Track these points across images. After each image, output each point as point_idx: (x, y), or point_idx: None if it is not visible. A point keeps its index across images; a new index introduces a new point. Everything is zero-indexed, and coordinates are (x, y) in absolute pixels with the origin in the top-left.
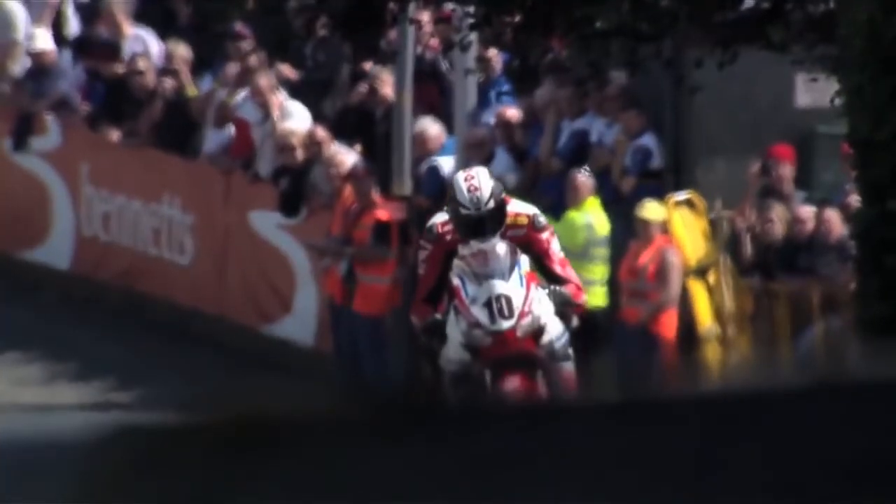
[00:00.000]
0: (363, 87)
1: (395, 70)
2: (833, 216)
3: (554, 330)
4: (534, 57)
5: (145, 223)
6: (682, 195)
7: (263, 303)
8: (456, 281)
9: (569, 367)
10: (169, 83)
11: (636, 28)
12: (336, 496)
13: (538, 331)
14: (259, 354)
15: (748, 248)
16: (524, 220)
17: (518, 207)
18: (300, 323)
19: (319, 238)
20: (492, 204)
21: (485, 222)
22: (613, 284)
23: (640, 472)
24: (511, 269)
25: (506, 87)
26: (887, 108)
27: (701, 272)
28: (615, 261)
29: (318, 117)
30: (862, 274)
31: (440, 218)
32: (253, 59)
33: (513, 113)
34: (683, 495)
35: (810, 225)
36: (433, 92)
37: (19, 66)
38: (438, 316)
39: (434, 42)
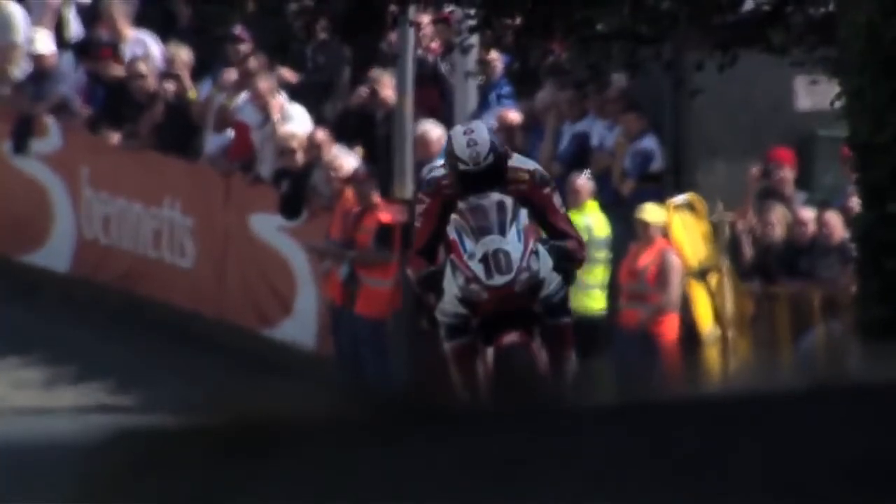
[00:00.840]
0: (364, 90)
1: (396, 73)
2: (834, 219)
3: (552, 285)
4: (534, 59)
5: (146, 226)
6: (682, 198)
7: (264, 305)
8: (453, 235)
9: (566, 322)
10: (170, 86)
11: (636, 30)
12: (336, 497)
13: (536, 286)
14: (259, 357)
15: (748, 251)
16: (525, 176)
17: (519, 163)
18: (300, 325)
19: (319, 240)
20: (491, 159)
21: (483, 178)
22: (613, 287)
23: (641, 473)
24: (510, 223)
25: (506, 90)
26: (887, 111)
27: (701, 275)
28: (616, 263)
29: (318, 120)
30: (862, 277)
31: (439, 171)
32: (253, 63)
33: (513, 116)
34: (684, 497)
35: (811, 227)
36: (434, 95)
37: (20, 69)
38: (435, 268)
39: (435, 45)
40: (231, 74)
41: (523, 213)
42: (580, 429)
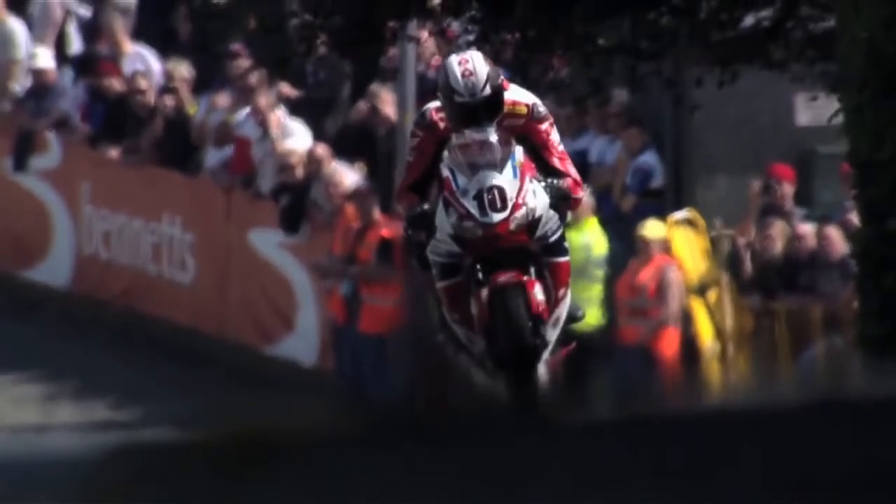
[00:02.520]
0: (364, 106)
1: (397, 88)
2: (834, 234)
3: (549, 223)
4: (534, 74)
5: (146, 241)
6: (682, 214)
7: (264, 322)
8: (445, 172)
9: (563, 261)
10: (169, 101)
11: (637, 46)
12: None
13: (532, 224)
14: (260, 373)
15: (748, 267)
16: (523, 109)
17: (517, 95)
18: (302, 342)
19: (321, 257)
20: (488, 90)
21: (480, 110)
22: (612, 303)
23: (640, 485)
24: (505, 160)
25: None
26: (887, 128)
27: (701, 290)
28: (616, 279)
29: (319, 135)
30: (862, 293)
31: (434, 104)
32: (252, 78)
33: None
34: None
35: (811, 242)
36: None
37: (20, 85)
38: (426, 206)
39: (435, 60)
40: (223, 99)
41: (519, 150)
42: (580, 442)
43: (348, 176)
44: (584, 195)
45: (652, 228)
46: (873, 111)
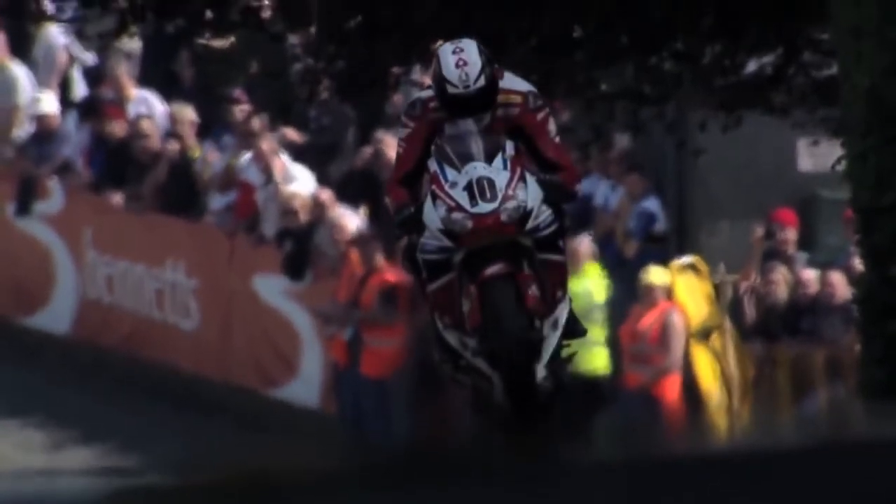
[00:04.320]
0: (368, 151)
1: None
2: (837, 279)
3: (541, 217)
4: None
5: (148, 287)
6: (685, 259)
7: (268, 367)
8: (434, 167)
9: (557, 260)
10: (173, 145)
11: (640, 91)
12: None
13: (523, 216)
14: (263, 417)
15: (751, 312)
16: (517, 99)
17: (511, 83)
18: (305, 386)
19: (324, 303)
20: (482, 81)
21: (473, 101)
22: (616, 348)
23: None
24: (496, 152)
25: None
26: (890, 175)
27: (703, 336)
28: (619, 324)
29: (324, 181)
30: (865, 339)
31: (426, 93)
32: (255, 123)
33: None
34: None
35: (814, 288)
36: None
37: (22, 130)
38: (413, 209)
39: None
40: (214, 157)
41: (510, 144)
42: (581, 483)
43: (352, 221)
44: (579, 186)
45: (655, 274)
46: (876, 158)
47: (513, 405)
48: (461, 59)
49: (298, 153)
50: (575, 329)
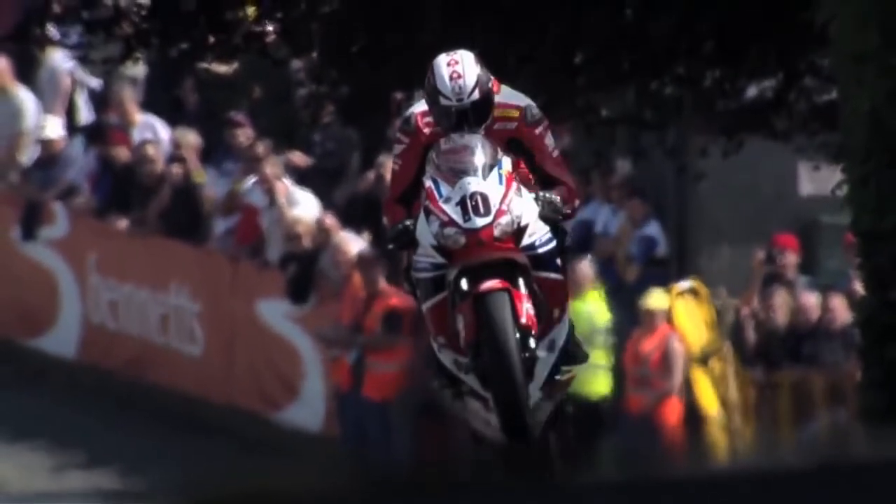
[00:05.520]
0: (370, 175)
1: None
2: (838, 303)
3: (537, 234)
4: None
5: (153, 311)
6: (685, 284)
7: (271, 390)
8: (428, 183)
9: (557, 278)
10: (177, 169)
11: (641, 116)
12: None
13: (518, 232)
14: (266, 440)
15: (752, 337)
16: (515, 113)
17: (508, 98)
18: (307, 409)
19: (326, 326)
20: (476, 94)
21: (468, 114)
22: (618, 372)
23: None
24: (491, 167)
25: None
26: (890, 199)
27: (704, 360)
28: (620, 347)
29: (328, 205)
30: (865, 363)
31: (419, 108)
32: (259, 148)
33: None
34: None
35: (814, 313)
36: None
37: (27, 155)
38: (408, 222)
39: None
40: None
41: (507, 160)
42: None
43: (355, 244)
44: (578, 203)
45: (656, 299)
46: (876, 182)
47: (505, 427)
48: (455, 71)
49: (303, 177)
50: (576, 354)
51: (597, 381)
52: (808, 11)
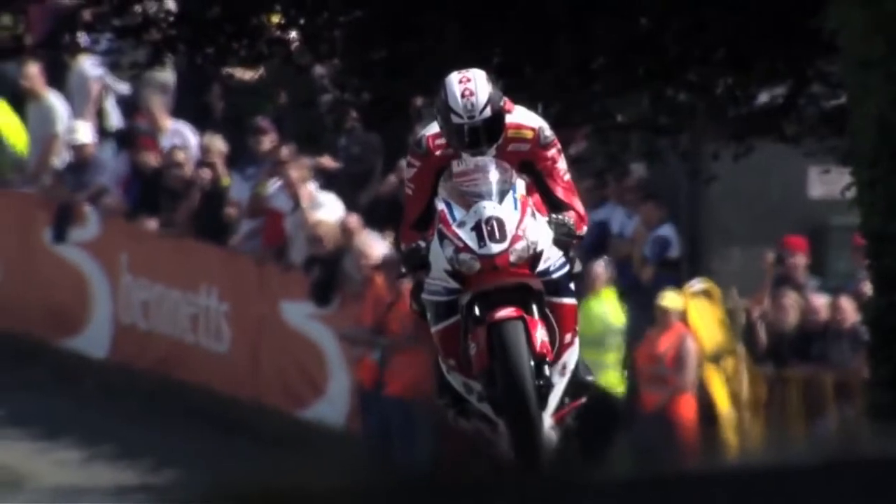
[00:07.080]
0: (393, 179)
1: None
2: (846, 304)
3: (552, 259)
4: None
5: (183, 311)
6: (698, 285)
7: (296, 388)
8: (441, 206)
9: (569, 303)
10: (206, 174)
11: (656, 121)
12: None
13: (533, 258)
14: (292, 438)
15: (763, 337)
16: (528, 134)
17: (521, 118)
18: (331, 406)
19: (349, 326)
20: (488, 112)
21: (479, 133)
22: (633, 370)
23: None
24: (505, 191)
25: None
26: None
27: (716, 359)
28: (635, 347)
29: (352, 208)
30: (874, 362)
31: (431, 130)
32: (284, 152)
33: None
34: None
35: (824, 314)
36: None
37: (59, 159)
38: (421, 243)
39: None
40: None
41: (521, 183)
42: (599, 502)
43: (377, 246)
44: (585, 229)
45: (670, 299)
46: (885, 185)
47: (517, 454)
48: (467, 88)
49: (330, 181)
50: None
51: (607, 377)
52: (817, 20)
